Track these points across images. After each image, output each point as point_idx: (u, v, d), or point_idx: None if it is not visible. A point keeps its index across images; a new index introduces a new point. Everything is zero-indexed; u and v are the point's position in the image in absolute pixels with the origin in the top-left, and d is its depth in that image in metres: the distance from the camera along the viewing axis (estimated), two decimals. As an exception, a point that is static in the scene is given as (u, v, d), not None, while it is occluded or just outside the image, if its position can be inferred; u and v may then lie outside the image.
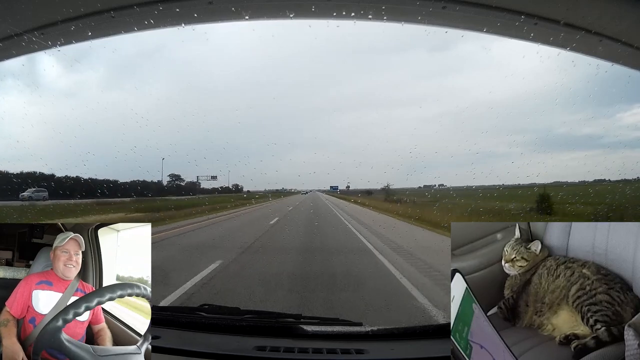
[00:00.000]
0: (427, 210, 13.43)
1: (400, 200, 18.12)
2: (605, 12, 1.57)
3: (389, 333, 1.42)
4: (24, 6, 1.68)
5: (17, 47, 1.93)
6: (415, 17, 1.80)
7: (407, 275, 5.08)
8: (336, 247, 7.84)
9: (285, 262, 6.18)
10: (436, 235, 8.75)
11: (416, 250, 6.85)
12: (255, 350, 1.29)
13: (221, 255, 6.27)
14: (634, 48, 1.69)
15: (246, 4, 1.84)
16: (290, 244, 8.05)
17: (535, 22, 1.66)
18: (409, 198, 18.33)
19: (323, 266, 5.83)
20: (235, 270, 5.58)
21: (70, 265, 1.35)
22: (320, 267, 5.73)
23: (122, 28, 1.91)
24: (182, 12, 1.81)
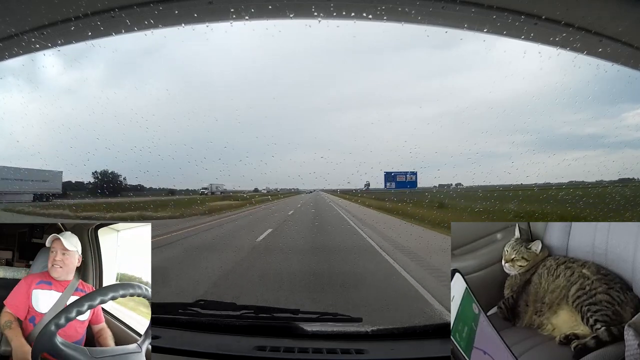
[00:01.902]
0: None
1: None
2: (606, 12, 1.57)
3: (389, 333, 1.42)
4: (24, 6, 1.68)
5: (17, 47, 1.93)
6: (415, 17, 1.80)
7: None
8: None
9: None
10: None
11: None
12: (255, 350, 1.29)
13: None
14: (634, 48, 1.69)
15: (246, 4, 1.84)
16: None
17: (535, 22, 1.66)
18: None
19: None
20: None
21: (56, 266, 1.34)
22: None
23: (122, 28, 1.91)
24: (182, 12, 1.81)
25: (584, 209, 9.27)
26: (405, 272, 5.67)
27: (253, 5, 1.85)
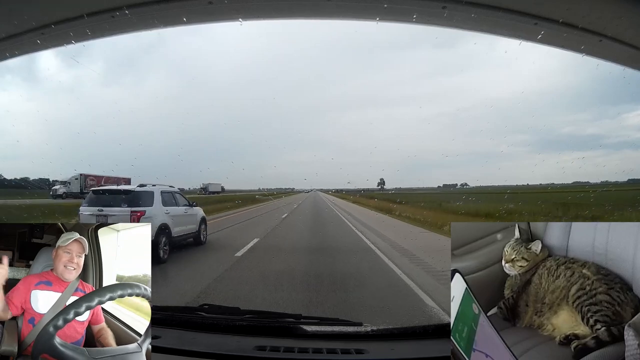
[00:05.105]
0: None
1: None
2: (606, 12, 1.56)
3: (388, 333, 1.42)
4: (24, 6, 1.68)
5: (17, 47, 1.93)
6: (415, 17, 1.79)
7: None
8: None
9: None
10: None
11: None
12: (255, 350, 1.29)
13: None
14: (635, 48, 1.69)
15: (246, 4, 1.83)
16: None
17: (535, 22, 1.66)
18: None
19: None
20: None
21: (70, 267, 1.33)
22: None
23: (122, 28, 1.91)
24: (182, 12, 1.81)
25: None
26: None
27: (253, 5, 1.84)
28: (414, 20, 1.81)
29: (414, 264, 6.37)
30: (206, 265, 6.38)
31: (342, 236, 10.37)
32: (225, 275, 5.54)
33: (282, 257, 7.20)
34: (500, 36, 1.91)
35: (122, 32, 1.96)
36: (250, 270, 5.95)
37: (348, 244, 8.88)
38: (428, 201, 16.68)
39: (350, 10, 1.86)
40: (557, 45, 1.84)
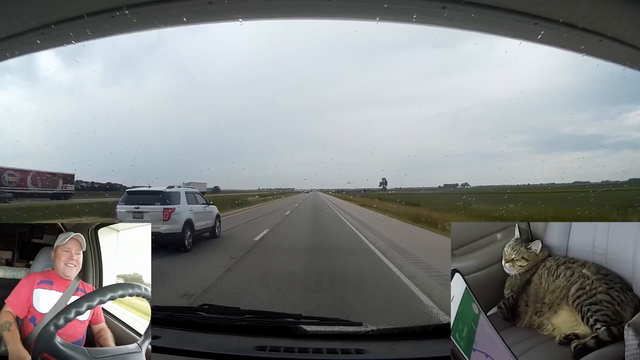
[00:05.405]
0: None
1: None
2: (606, 12, 1.56)
3: (388, 333, 1.42)
4: (24, 6, 1.68)
5: (17, 47, 1.93)
6: (415, 17, 1.79)
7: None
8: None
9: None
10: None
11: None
12: (255, 350, 1.29)
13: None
14: (635, 48, 1.69)
15: (246, 4, 1.83)
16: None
17: (535, 22, 1.65)
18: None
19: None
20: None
21: (70, 265, 1.35)
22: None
23: (122, 28, 1.91)
24: (182, 12, 1.80)
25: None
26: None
27: (253, 5, 1.84)
28: (414, 20, 1.81)
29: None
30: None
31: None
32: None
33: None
34: (500, 36, 1.91)
35: (122, 32, 1.95)
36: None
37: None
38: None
39: (350, 10, 1.86)
40: (557, 45, 1.84)
